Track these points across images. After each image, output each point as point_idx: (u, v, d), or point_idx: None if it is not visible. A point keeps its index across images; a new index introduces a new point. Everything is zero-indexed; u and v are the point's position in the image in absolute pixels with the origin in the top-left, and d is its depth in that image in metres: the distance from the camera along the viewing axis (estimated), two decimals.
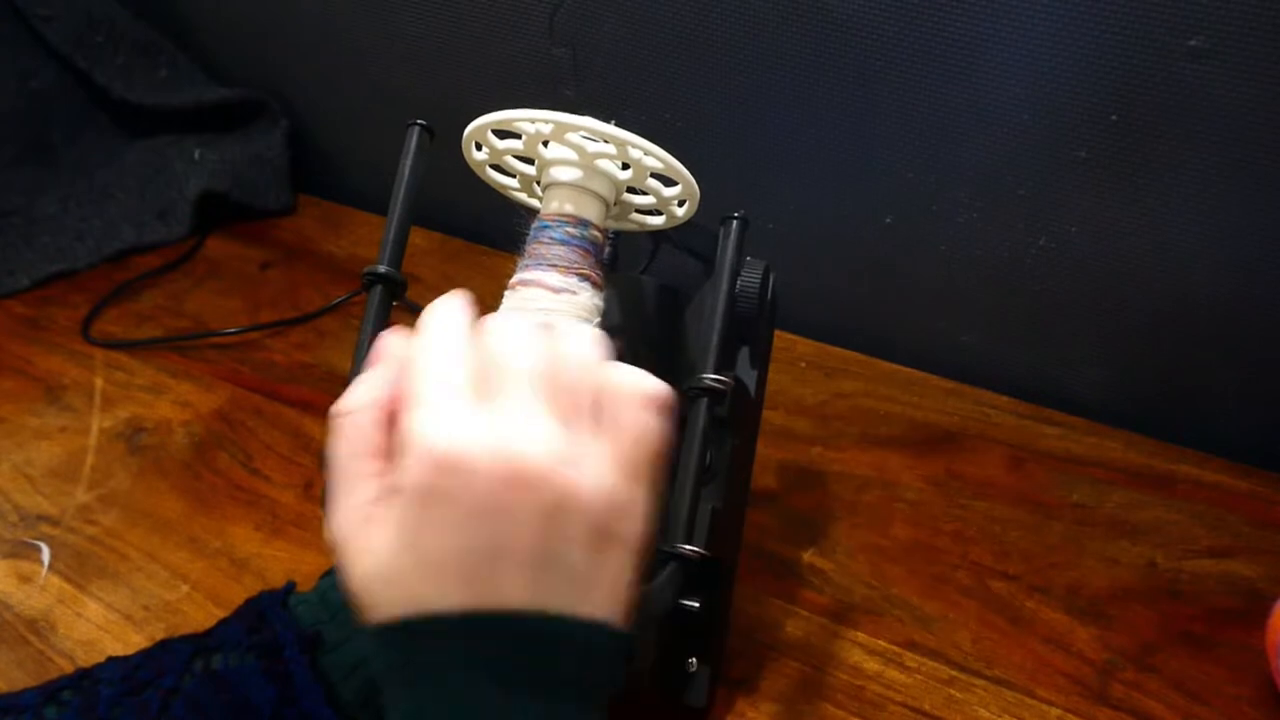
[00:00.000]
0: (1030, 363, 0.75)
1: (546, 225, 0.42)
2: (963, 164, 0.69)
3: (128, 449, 0.72)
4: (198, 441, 0.72)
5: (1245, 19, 0.56)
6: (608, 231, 0.47)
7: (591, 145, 0.42)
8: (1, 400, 0.77)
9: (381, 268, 0.44)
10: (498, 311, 0.42)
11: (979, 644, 0.56)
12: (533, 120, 0.42)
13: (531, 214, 0.45)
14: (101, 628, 0.59)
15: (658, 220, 0.47)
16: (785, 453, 0.70)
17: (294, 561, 0.63)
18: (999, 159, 0.67)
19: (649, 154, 0.42)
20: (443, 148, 0.48)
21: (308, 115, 1.01)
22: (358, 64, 0.93)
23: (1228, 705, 0.53)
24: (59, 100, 0.97)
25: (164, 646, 0.49)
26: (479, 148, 0.46)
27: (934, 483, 0.67)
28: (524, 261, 0.42)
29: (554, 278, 0.41)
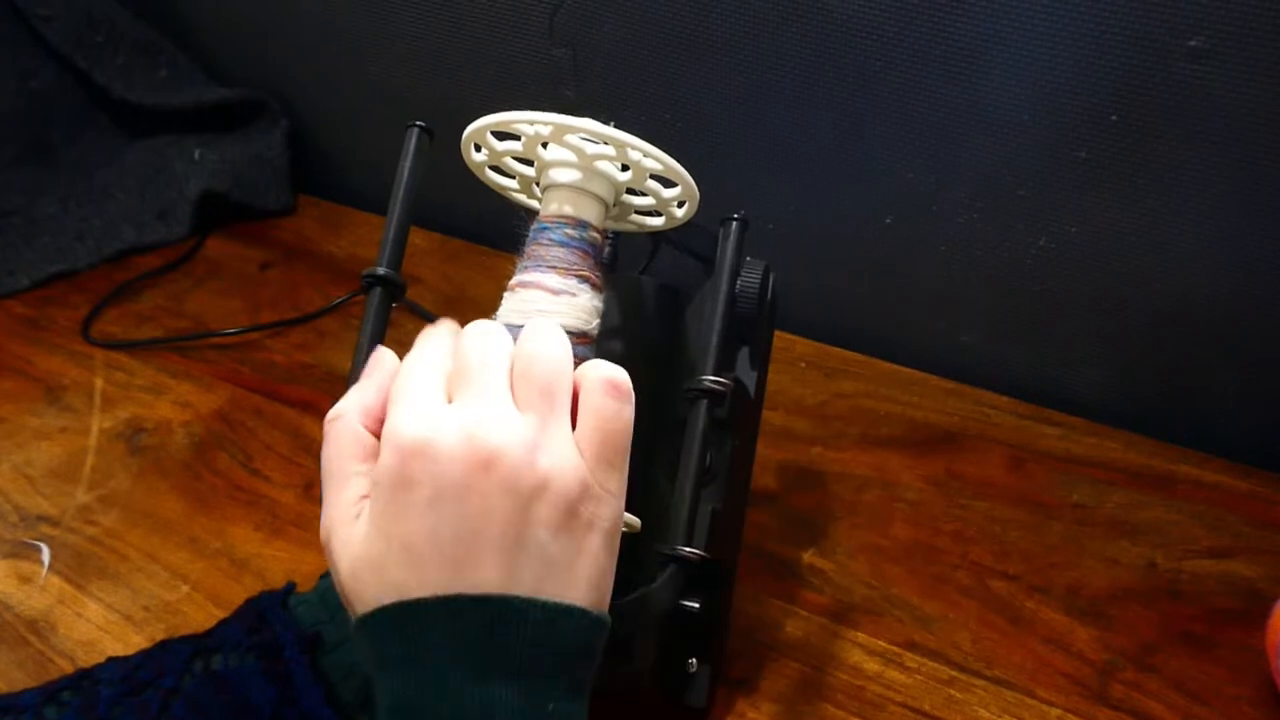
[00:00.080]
0: (1030, 363, 0.75)
1: (546, 227, 0.42)
2: (963, 164, 0.69)
3: (128, 449, 0.72)
4: (198, 442, 0.72)
5: (1245, 19, 0.56)
6: (607, 232, 0.47)
7: (590, 147, 0.42)
8: (1, 400, 0.77)
9: (381, 269, 0.44)
10: (497, 313, 0.42)
11: (979, 644, 0.56)
12: (532, 122, 0.42)
13: (531, 215, 0.45)
14: (101, 628, 0.59)
15: (657, 221, 0.47)
16: (785, 453, 0.70)
17: (294, 562, 0.63)
18: (999, 159, 0.67)
19: (648, 156, 0.42)
20: (442, 148, 0.48)
21: (308, 115, 1.01)
22: (358, 64, 0.93)
23: (1228, 705, 0.53)
24: (59, 100, 0.97)
25: (164, 647, 0.49)
26: (478, 149, 0.46)
27: (934, 483, 0.67)
28: (523, 263, 0.42)
29: (553, 280, 0.41)
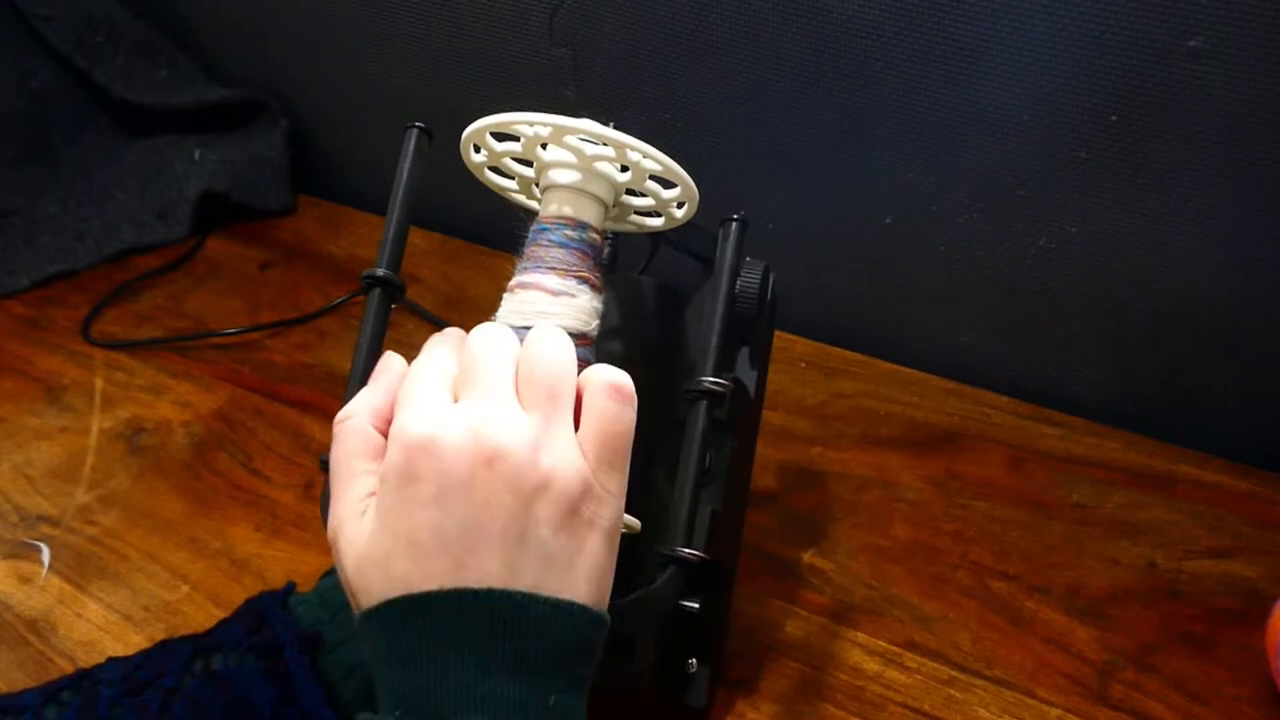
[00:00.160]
0: (1030, 363, 0.75)
1: (545, 228, 0.42)
2: (963, 164, 0.69)
3: (128, 449, 0.72)
4: (198, 442, 0.73)
5: (1245, 19, 0.56)
6: (607, 233, 0.47)
7: (590, 148, 0.42)
8: (1, 400, 0.77)
9: (380, 270, 0.44)
10: (497, 314, 0.42)
11: (979, 644, 0.56)
12: (531, 123, 0.42)
13: (530, 216, 0.45)
14: (101, 628, 0.59)
15: (657, 222, 0.47)
16: (785, 453, 0.70)
17: (294, 562, 0.63)
18: (999, 159, 0.67)
19: (648, 156, 0.42)
20: (442, 149, 0.48)
21: (308, 115, 1.01)
22: (358, 64, 0.93)
23: (1228, 705, 0.53)
24: (59, 100, 0.97)
25: (164, 647, 0.49)
26: (478, 150, 0.46)
27: (934, 483, 0.67)
28: (522, 264, 0.42)
29: (553, 281, 0.41)
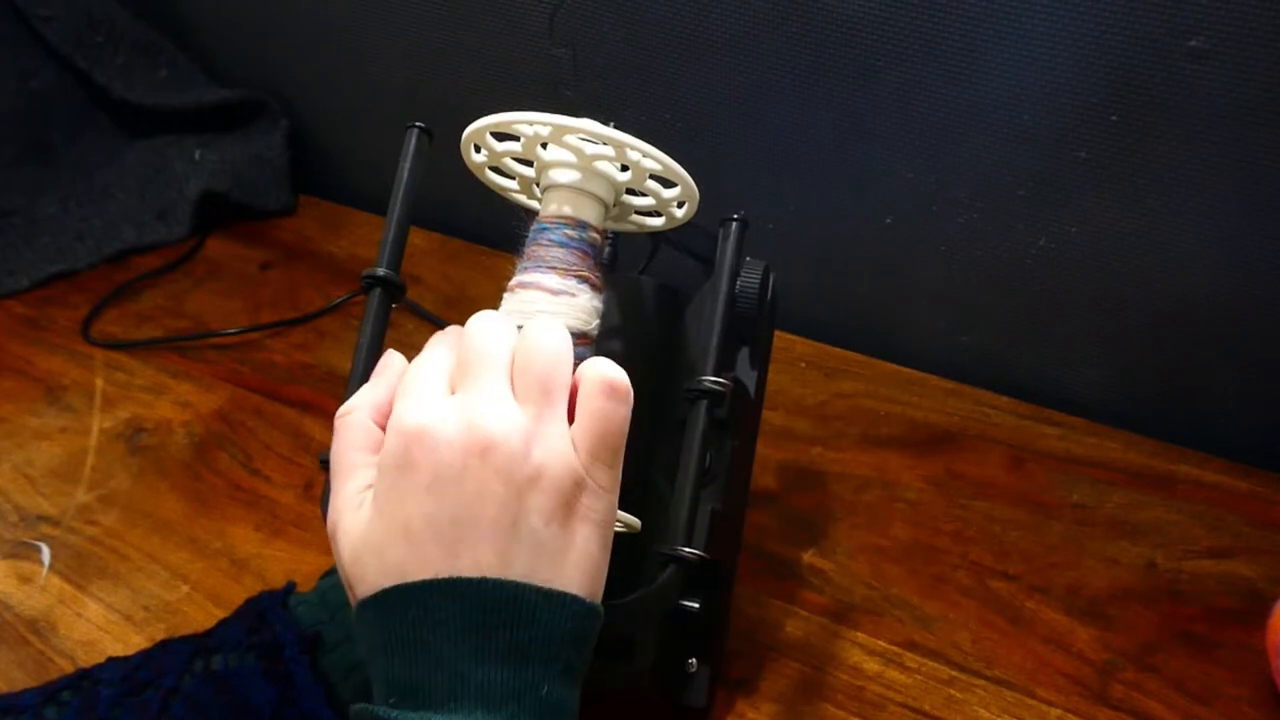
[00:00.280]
0: (1030, 363, 0.75)
1: (545, 227, 0.42)
2: (963, 164, 0.69)
3: (128, 449, 0.72)
4: (198, 442, 0.73)
5: (1245, 19, 0.56)
6: (607, 232, 0.47)
7: (590, 147, 0.42)
8: (1, 400, 0.77)
9: (380, 270, 0.44)
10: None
11: (979, 644, 0.56)
12: (531, 123, 0.42)
13: (531, 215, 0.45)
14: (101, 628, 0.59)
15: (657, 221, 0.47)
16: (785, 453, 0.70)
17: (294, 561, 0.63)
18: (999, 159, 0.67)
19: (648, 156, 0.42)
20: (442, 148, 0.48)
21: (308, 115, 1.01)
22: (358, 64, 0.93)
23: (1228, 705, 0.53)
24: (59, 100, 0.97)
25: (164, 647, 0.49)
26: (478, 150, 0.46)
27: (934, 483, 0.67)
28: (523, 264, 0.42)
29: (553, 280, 0.41)
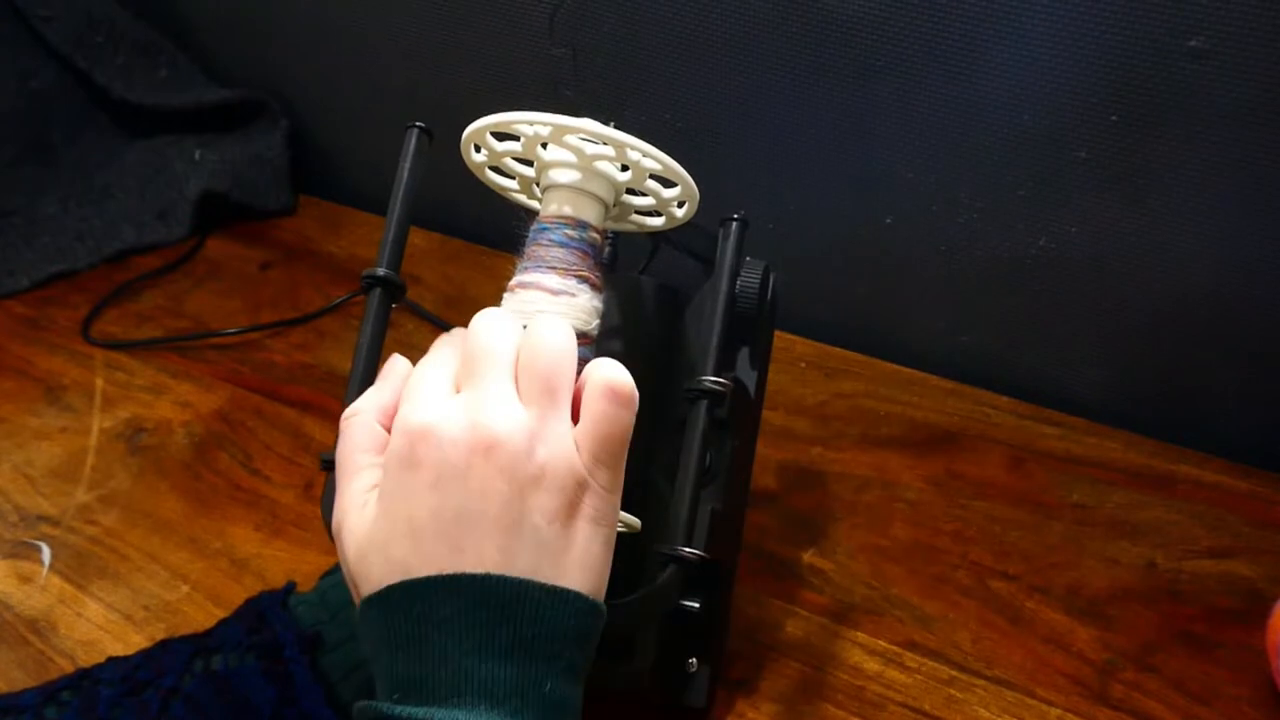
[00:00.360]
0: (1030, 363, 0.75)
1: (545, 227, 0.42)
2: (963, 164, 0.69)
3: (128, 449, 0.72)
4: (198, 442, 0.73)
5: (1245, 19, 0.56)
6: (607, 232, 0.47)
7: (590, 147, 0.42)
8: (1, 400, 0.77)
9: (380, 270, 0.44)
10: None
11: (979, 644, 0.56)
12: (531, 123, 0.42)
13: (531, 215, 0.45)
14: (101, 628, 0.59)
15: (657, 221, 0.47)
16: (785, 453, 0.70)
17: (294, 561, 0.63)
18: (999, 159, 0.67)
19: (648, 156, 0.42)
20: (442, 148, 0.48)
21: (308, 115, 1.01)
22: (358, 64, 0.93)
23: (1228, 705, 0.53)
24: (59, 100, 0.97)
25: (164, 647, 0.49)
26: (478, 150, 0.46)
27: (934, 483, 0.67)
28: (523, 264, 0.42)
29: (553, 280, 0.41)
